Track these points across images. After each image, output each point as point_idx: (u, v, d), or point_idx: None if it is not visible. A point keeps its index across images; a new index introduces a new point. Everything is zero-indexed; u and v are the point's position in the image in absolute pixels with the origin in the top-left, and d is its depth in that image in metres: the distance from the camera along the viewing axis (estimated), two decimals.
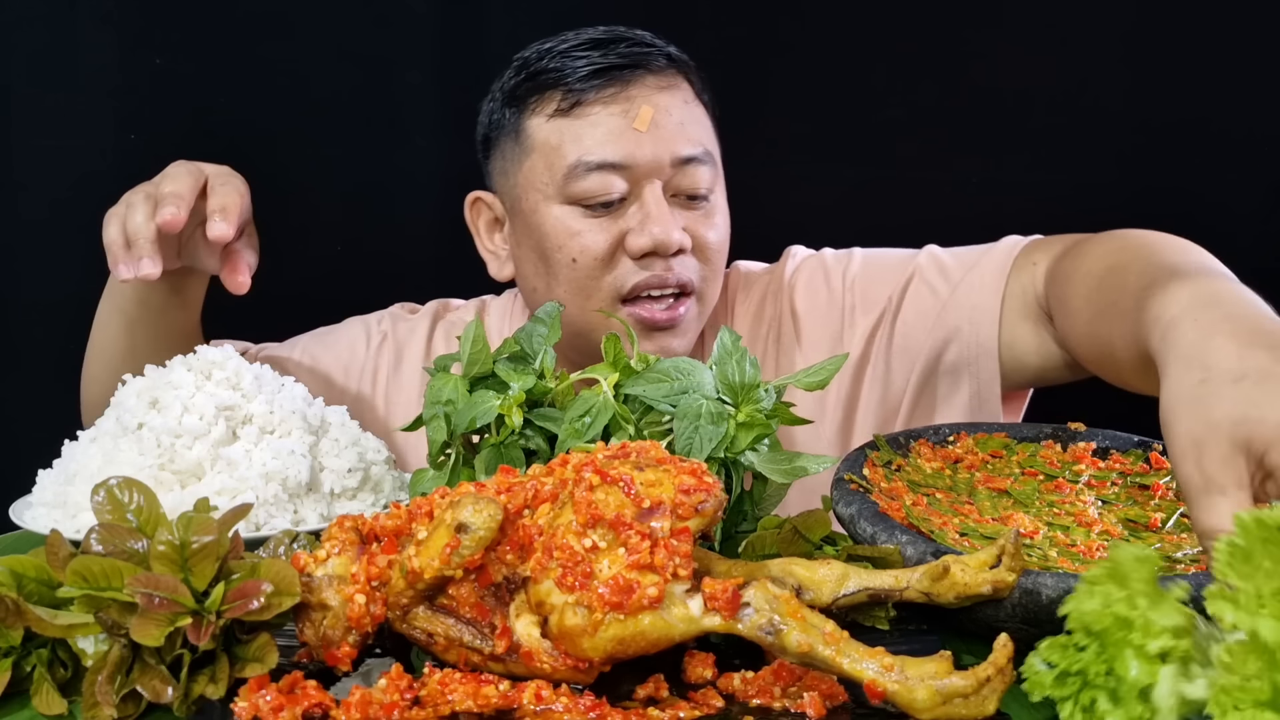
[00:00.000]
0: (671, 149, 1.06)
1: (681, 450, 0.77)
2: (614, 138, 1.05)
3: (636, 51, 1.09)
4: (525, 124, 1.09)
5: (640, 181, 1.05)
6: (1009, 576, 0.61)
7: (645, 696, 0.58)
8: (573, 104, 1.06)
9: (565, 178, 1.05)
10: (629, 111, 1.06)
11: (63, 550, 0.60)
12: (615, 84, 1.06)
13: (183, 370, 0.90)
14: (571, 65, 1.07)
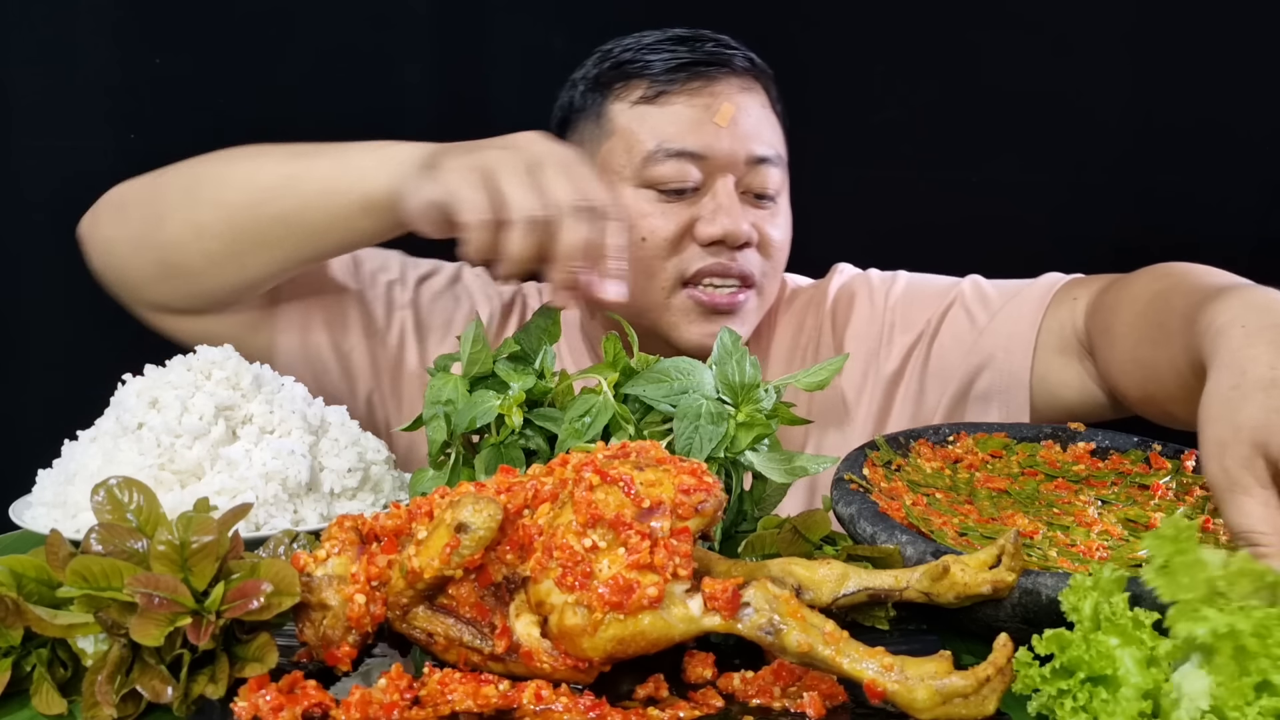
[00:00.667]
0: (747, 147, 1.10)
1: (681, 450, 0.77)
2: (694, 129, 1.10)
3: (721, 52, 1.14)
4: (608, 109, 1.14)
5: (714, 174, 1.10)
6: (1009, 576, 0.61)
7: (645, 696, 0.58)
8: (657, 93, 1.11)
9: (644, 161, 1.10)
10: (710, 106, 1.10)
11: (63, 550, 0.60)
12: (700, 79, 1.11)
13: (182, 370, 0.90)
14: (658, 58, 1.13)
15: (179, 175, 1.02)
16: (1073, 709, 0.52)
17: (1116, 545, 0.73)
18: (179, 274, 1.01)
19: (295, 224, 0.96)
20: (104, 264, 1.06)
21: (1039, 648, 0.55)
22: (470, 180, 0.82)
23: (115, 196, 1.04)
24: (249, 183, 0.97)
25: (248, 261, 0.99)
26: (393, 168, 0.90)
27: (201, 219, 0.98)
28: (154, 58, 1.73)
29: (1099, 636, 0.53)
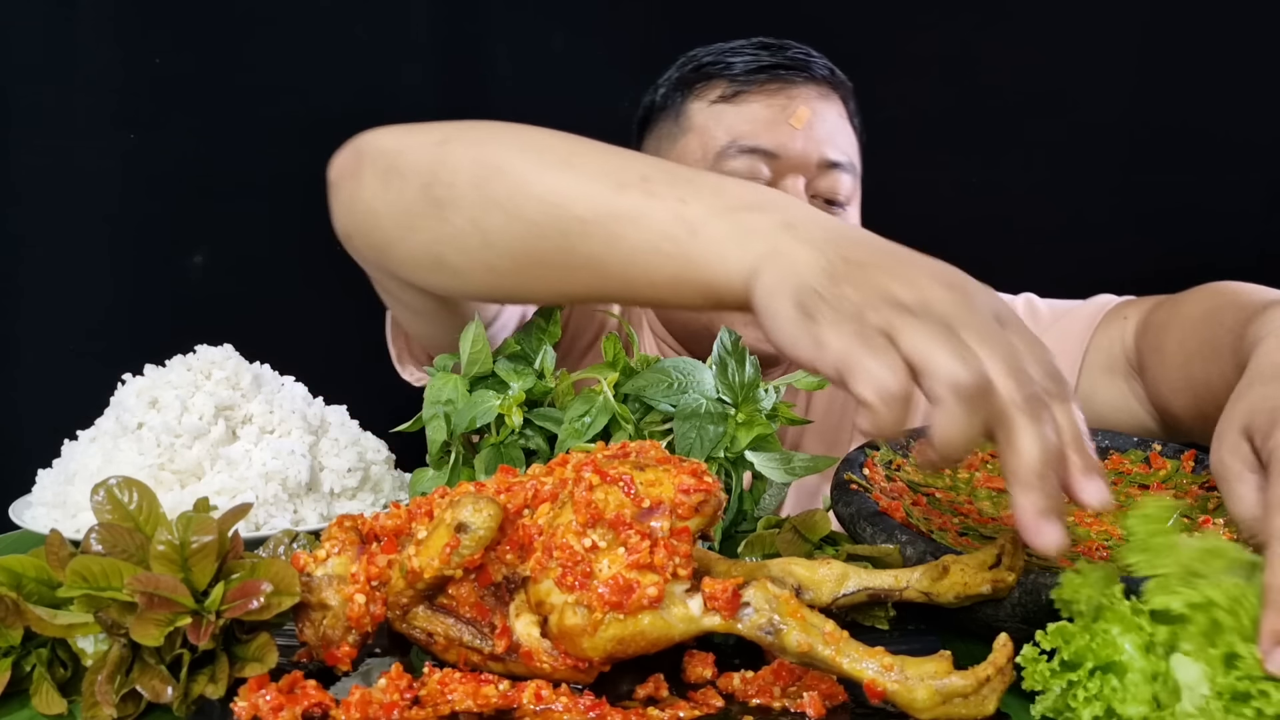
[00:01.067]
0: (820, 150, 1.12)
1: (681, 450, 0.77)
2: (769, 128, 1.11)
3: (802, 59, 1.16)
4: (687, 107, 1.16)
5: (785, 174, 1.11)
6: (1009, 576, 0.61)
7: (645, 696, 0.58)
8: (735, 93, 1.13)
9: (717, 157, 1.11)
10: (787, 108, 1.12)
11: (62, 550, 0.60)
12: (778, 81, 1.13)
13: (182, 370, 0.90)
14: (740, 60, 1.15)
15: (468, 155, 0.79)
16: (1085, 699, 0.53)
17: (1116, 545, 0.73)
18: (450, 271, 0.82)
19: (608, 273, 0.73)
20: (355, 226, 0.88)
21: (1043, 643, 0.55)
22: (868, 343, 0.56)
23: (385, 157, 0.84)
24: (558, 208, 0.73)
25: (537, 285, 0.79)
26: (749, 261, 0.64)
27: (492, 227, 0.77)
28: (154, 58, 1.73)
29: (1101, 626, 0.53)
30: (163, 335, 1.13)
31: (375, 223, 0.84)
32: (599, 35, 1.80)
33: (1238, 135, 1.79)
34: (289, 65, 1.74)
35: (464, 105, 1.74)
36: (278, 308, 1.79)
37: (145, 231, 1.78)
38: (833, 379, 0.57)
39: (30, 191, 1.74)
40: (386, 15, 1.75)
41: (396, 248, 0.83)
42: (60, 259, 1.76)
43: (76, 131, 1.73)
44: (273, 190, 1.79)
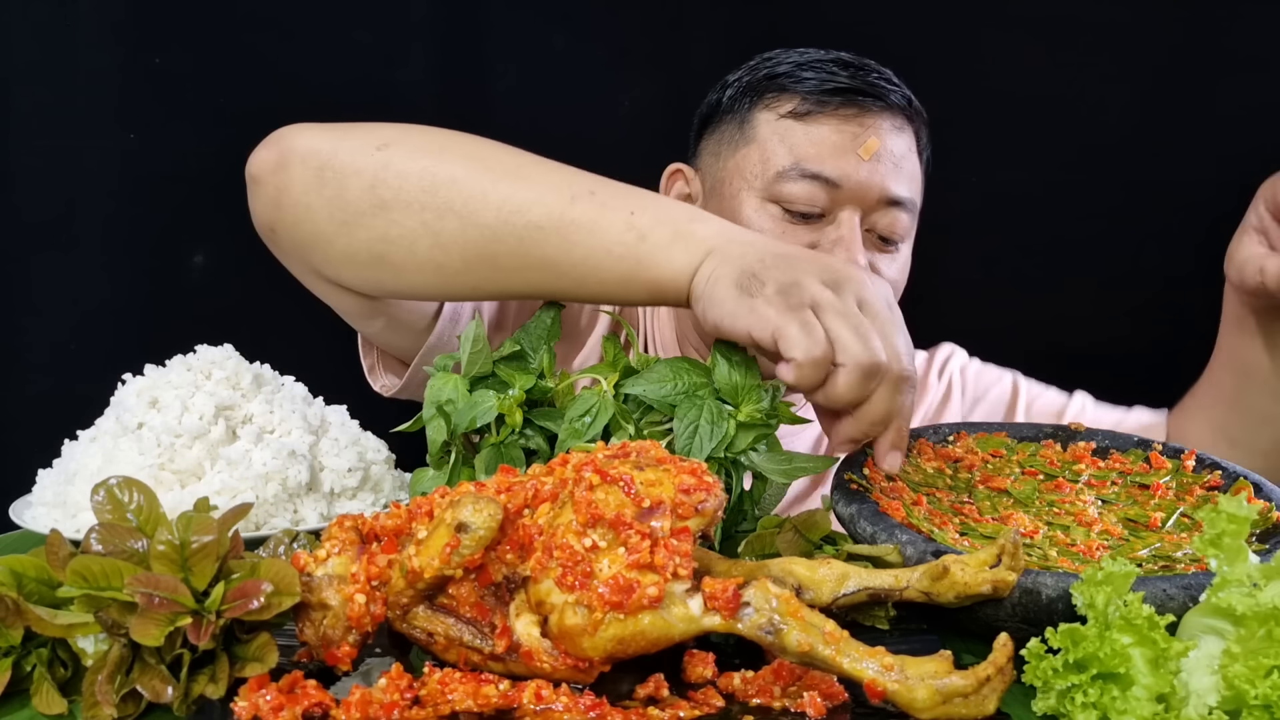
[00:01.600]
0: (884, 185, 1.09)
1: (681, 450, 0.77)
2: (835, 154, 1.08)
3: (880, 85, 1.12)
4: (754, 115, 1.13)
5: (842, 204, 1.08)
6: (1009, 576, 0.61)
7: (645, 696, 0.58)
8: (807, 111, 1.10)
9: (777, 176, 1.09)
10: (858, 136, 1.08)
11: (63, 550, 0.60)
12: (852, 106, 1.10)
13: (182, 370, 0.90)
14: (815, 76, 1.11)
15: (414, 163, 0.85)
16: (1082, 704, 0.53)
17: (1116, 545, 0.73)
18: (391, 268, 0.87)
19: (560, 273, 0.83)
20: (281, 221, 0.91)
21: (1052, 641, 0.55)
22: (798, 320, 0.72)
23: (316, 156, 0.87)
24: (516, 214, 0.82)
25: (484, 283, 0.87)
26: (694, 260, 0.78)
27: (445, 230, 0.83)
28: (154, 58, 1.73)
29: (1113, 635, 0.53)
30: (163, 335, 1.13)
31: (308, 217, 0.89)
32: (599, 36, 1.80)
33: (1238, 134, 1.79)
34: (289, 65, 1.74)
35: (464, 105, 1.74)
36: (278, 308, 1.79)
37: (145, 231, 1.78)
38: (765, 343, 0.73)
39: (30, 192, 1.74)
40: (386, 15, 1.75)
41: (332, 244, 0.89)
42: (60, 259, 1.76)
43: (76, 131, 1.73)
44: None
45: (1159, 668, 0.53)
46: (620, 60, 1.80)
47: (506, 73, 1.79)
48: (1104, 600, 0.55)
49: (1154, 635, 0.53)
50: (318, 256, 0.91)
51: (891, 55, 1.29)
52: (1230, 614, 0.53)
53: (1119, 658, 0.53)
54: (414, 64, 1.78)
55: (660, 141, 1.33)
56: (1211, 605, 0.55)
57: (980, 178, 1.78)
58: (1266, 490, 0.78)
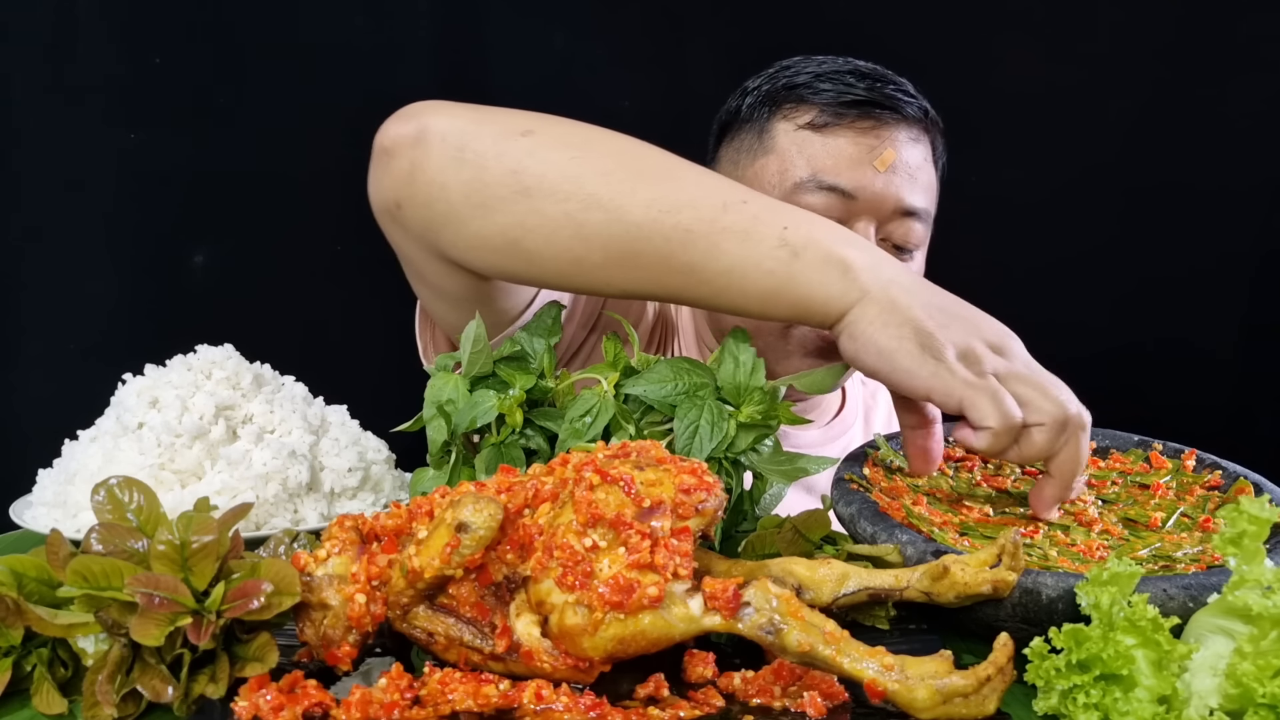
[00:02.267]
0: (899, 196, 1.10)
1: (681, 450, 0.77)
2: (852, 166, 1.09)
3: (897, 97, 1.13)
4: (773, 125, 1.14)
5: (858, 215, 1.10)
6: (1009, 576, 0.61)
7: (645, 696, 0.58)
8: (825, 123, 1.11)
9: (794, 187, 1.10)
10: (874, 148, 1.10)
11: (63, 550, 0.60)
12: (869, 119, 1.11)
13: (182, 370, 0.90)
14: (833, 88, 1.12)
15: (560, 152, 0.83)
16: (1084, 705, 0.53)
17: (1116, 545, 0.73)
18: (525, 255, 0.85)
19: (702, 280, 0.80)
20: (413, 198, 0.87)
21: (1056, 641, 0.55)
22: (987, 390, 0.72)
23: (458, 135, 0.85)
24: (667, 215, 0.79)
25: (618, 280, 0.83)
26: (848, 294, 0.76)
27: (590, 223, 0.81)
28: (154, 58, 1.73)
29: (1117, 636, 0.53)
30: (163, 335, 1.13)
31: (442, 196, 0.85)
32: (599, 36, 1.80)
33: (1239, 132, 1.79)
34: (289, 65, 1.74)
35: None
36: (278, 308, 1.79)
37: (145, 231, 1.78)
38: (949, 409, 0.74)
39: (30, 191, 1.74)
40: (386, 15, 1.75)
41: (465, 225, 0.85)
42: (60, 259, 1.76)
43: (76, 131, 1.73)
44: (273, 190, 1.79)
45: (1162, 670, 0.53)
46: (620, 60, 1.80)
47: (506, 73, 1.79)
48: (1109, 600, 0.55)
49: (1158, 637, 0.53)
50: (447, 237, 0.87)
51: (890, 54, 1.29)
52: (1245, 614, 0.53)
53: (1122, 659, 0.53)
54: (414, 64, 1.78)
55: (660, 142, 1.33)
56: (1224, 604, 0.55)
57: (980, 177, 1.78)
58: (1266, 490, 0.78)
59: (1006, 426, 0.72)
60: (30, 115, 1.71)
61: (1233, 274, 1.79)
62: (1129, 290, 1.84)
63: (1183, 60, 1.77)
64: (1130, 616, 0.54)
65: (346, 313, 1.74)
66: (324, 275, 1.81)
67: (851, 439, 1.31)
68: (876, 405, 1.40)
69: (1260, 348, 1.84)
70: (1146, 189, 1.81)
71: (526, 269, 0.86)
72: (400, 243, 0.93)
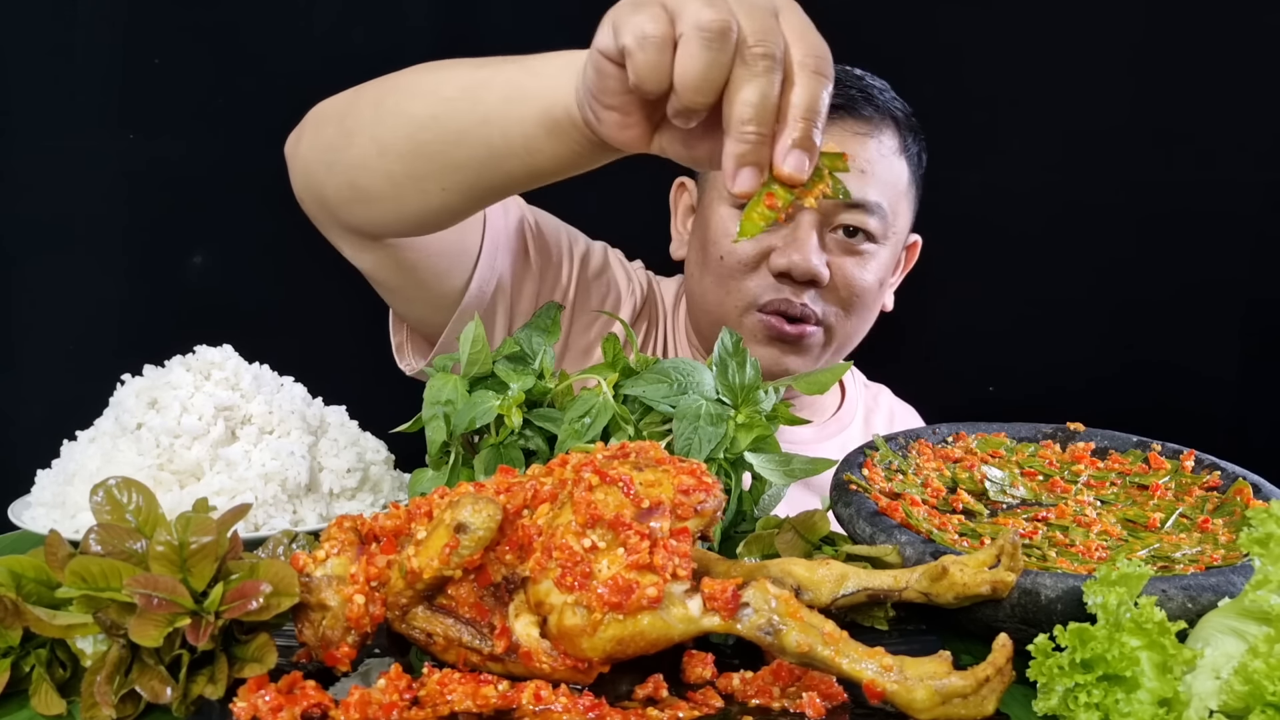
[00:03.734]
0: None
1: (681, 451, 0.77)
2: None
3: (848, 94, 1.15)
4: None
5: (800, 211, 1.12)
6: (1008, 577, 0.61)
7: (644, 696, 0.58)
8: None
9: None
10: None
11: (61, 550, 0.60)
12: None
13: (182, 370, 0.90)
14: None
15: (374, 88, 0.93)
16: (1085, 704, 0.53)
17: (1116, 545, 0.73)
18: (365, 197, 0.93)
19: (475, 142, 0.82)
20: (301, 184, 1.00)
21: (1061, 639, 0.55)
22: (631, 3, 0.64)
23: (317, 112, 0.98)
24: (432, 95, 0.85)
25: (428, 185, 0.88)
26: (577, 70, 0.72)
27: (385, 135, 0.88)
28: (154, 58, 1.73)
29: (1123, 637, 0.53)
30: (163, 335, 1.13)
31: (309, 170, 0.97)
32: None
33: (1240, 140, 1.79)
34: (288, 65, 1.74)
35: None
36: (278, 308, 1.79)
37: (145, 231, 1.78)
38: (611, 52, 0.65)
39: (30, 192, 1.74)
40: (385, 15, 1.75)
41: (325, 187, 0.95)
42: (60, 259, 1.76)
43: (76, 131, 1.73)
44: (272, 190, 1.79)
45: (1166, 673, 0.53)
46: None
47: None
48: (1116, 601, 0.55)
49: (1163, 640, 0.53)
50: (327, 211, 0.97)
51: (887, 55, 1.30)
52: (1262, 616, 0.53)
53: (1127, 660, 0.53)
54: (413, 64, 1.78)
55: None
56: (1240, 606, 0.55)
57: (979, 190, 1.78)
58: (1266, 491, 0.78)
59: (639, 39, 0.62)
60: (30, 115, 1.71)
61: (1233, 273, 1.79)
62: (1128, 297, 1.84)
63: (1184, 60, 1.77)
64: (1137, 618, 0.54)
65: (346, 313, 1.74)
66: (323, 276, 1.81)
67: (849, 438, 1.32)
68: (878, 407, 1.40)
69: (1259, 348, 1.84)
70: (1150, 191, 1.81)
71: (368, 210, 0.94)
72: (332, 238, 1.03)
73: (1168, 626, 0.53)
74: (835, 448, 1.28)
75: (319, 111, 0.98)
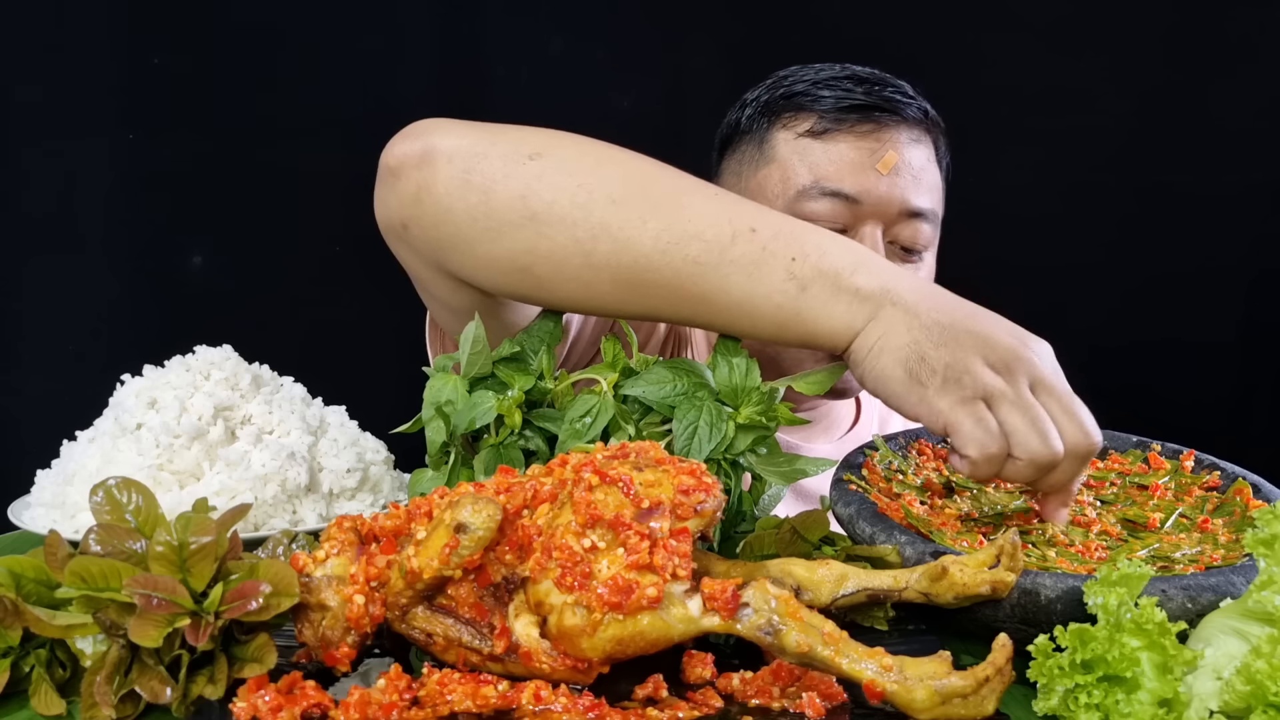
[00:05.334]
0: (904, 197, 1.10)
1: (680, 451, 0.77)
2: (855, 171, 1.09)
3: (896, 99, 1.13)
4: (773, 135, 1.14)
5: (864, 219, 1.09)
6: (1008, 577, 0.61)
7: (644, 697, 0.58)
8: (824, 129, 1.10)
9: (798, 195, 1.09)
10: (875, 152, 1.09)
11: (61, 550, 0.60)
12: (869, 122, 1.10)
13: (181, 370, 0.90)
14: (831, 94, 1.12)
15: (568, 177, 0.82)
16: (1085, 705, 0.53)
17: (1115, 545, 0.73)
18: (535, 279, 0.84)
19: (713, 310, 0.81)
20: (419, 219, 0.86)
21: (1061, 640, 0.55)
22: (971, 415, 0.72)
23: (465, 158, 0.84)
24: (674, 246, 0.79)
25: (629, 306, 0.84)
26: (855, 321, 0.77)
27: (599, 251, 0.81)
28: (154, 58, 1.73)
29: (1123, 638, 0.53)
30: (162, 335, 1.13)
31: (449, 219, 0.84)
32: (598, 37, 1.80)
33: (1238, 133, 1.79)
34: (288, 66, 1.74)
35: (463, 107, 1.74)
36: (278, 308, 1.79)
37: (145, 232, 1.78)
38: (938, 433, 0.74)
39: (30, 192, 1.74)
40: (385, 17, 1.75)
41: (474, 248, 0.85)
42: (60, 259, 1.76)
43: (76, 131, 1.73)
44: (272, 190, 1.79)
45: (1166, 674, 0.53)
46: (619, 62, 1.80)
47: (505, 75, 1.79)
48: (1116, 601, 0.55)
49: (1164, 641, 0.53)
50: (455, 259, 0.87)
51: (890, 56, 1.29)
52: (1266, 616, 0.53)
53: (1127, 661, 0.53)
54: (413, 65, 1.78)
55: (660, 143, 1.33)
56: (1244, 607, 0.54)
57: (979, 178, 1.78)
58: (1265, 491, 0.78)
59: (985, 456, 0.71)
60: (29, 115, 1.71)
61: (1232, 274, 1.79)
62: (1130, 290, 1.84)
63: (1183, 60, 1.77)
64: (1137, 619, 0.54)
65: (345, 313, 1.74)
66: (323, 276, 1.81)
67: None
68: (892, 417, 1.39)
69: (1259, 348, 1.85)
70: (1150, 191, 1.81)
71: (536, 292, 0.86)
72: (408, 261, 0.92)
73: (1168, 627, 0.53)
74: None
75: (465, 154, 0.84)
